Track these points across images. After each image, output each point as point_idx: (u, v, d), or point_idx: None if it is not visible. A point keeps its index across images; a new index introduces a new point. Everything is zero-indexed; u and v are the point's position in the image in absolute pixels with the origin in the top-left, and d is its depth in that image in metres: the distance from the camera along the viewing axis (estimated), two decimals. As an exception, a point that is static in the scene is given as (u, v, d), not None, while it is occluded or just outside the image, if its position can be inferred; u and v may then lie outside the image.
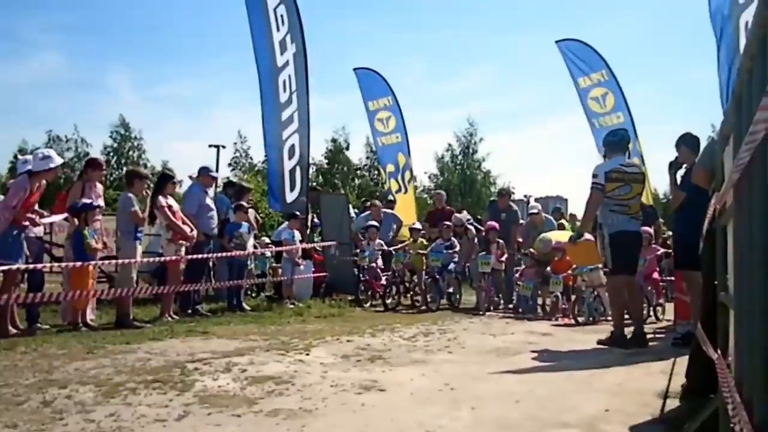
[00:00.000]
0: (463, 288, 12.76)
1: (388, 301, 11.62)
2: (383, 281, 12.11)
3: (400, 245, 12.77)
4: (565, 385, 5.49)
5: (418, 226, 13.54)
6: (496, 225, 11.92)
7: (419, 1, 69.68)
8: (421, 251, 12.31)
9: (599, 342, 7.59)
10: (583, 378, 5.79)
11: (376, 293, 11.93)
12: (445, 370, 6.02)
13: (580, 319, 9.62)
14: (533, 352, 7.18)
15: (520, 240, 12.48)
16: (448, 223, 12.64)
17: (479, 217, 17.55)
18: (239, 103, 56.72)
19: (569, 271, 10.39)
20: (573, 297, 10.18)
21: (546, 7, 69.55)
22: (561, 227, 13.72)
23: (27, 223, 7.76)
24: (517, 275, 11.90)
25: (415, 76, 64.66)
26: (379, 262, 12.35)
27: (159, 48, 65.90)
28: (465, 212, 13.92)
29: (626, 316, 8.02)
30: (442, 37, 68.80)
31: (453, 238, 12.20)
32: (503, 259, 11.74)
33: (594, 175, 7.58)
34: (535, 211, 12.83)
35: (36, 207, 7.99)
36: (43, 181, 7.97)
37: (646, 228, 9.82)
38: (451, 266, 11.84)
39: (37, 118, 64.59)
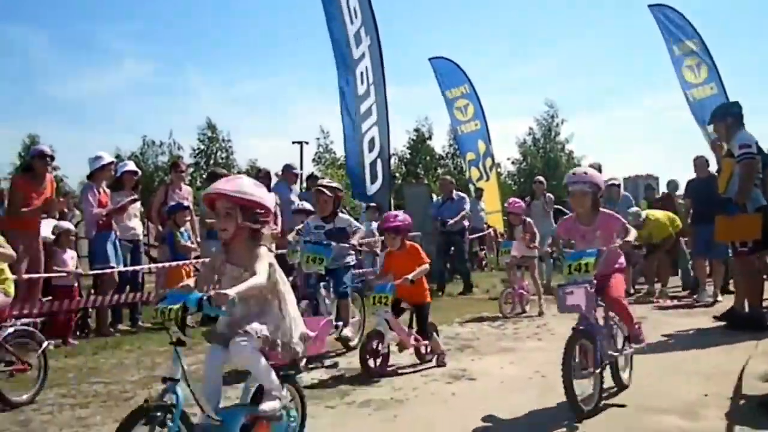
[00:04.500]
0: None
1: None
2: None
3: None
4: (660, 370, 5.35)
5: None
6: (521, 203, 9.91)
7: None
8: None
9: (727, 324, 7.32)
10: (678, 362, 5.63)
11: None
12: (534, 357, 5.97)
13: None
14: (626, 336, 7.01)
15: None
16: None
17: (565, 200, 17.20)
18: (320, 99, 57.51)
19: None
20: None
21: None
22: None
23: (111, 222, 8.15)
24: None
25: (494, 61, 63.72)
26: None
27: (238, 48, 67.29)
28: (550, 195, 13.35)
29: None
30: (519, 20, 67.55)
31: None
32: (535, 243, 9.27)
33: (747, 145, 7.15)
34: (617, 182, 11.03)
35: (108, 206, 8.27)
36: (103, 184, 8.29)
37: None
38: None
39: (128, 125, 67.20)
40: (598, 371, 4.29)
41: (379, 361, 5.61)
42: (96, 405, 4.75)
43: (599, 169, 13.07)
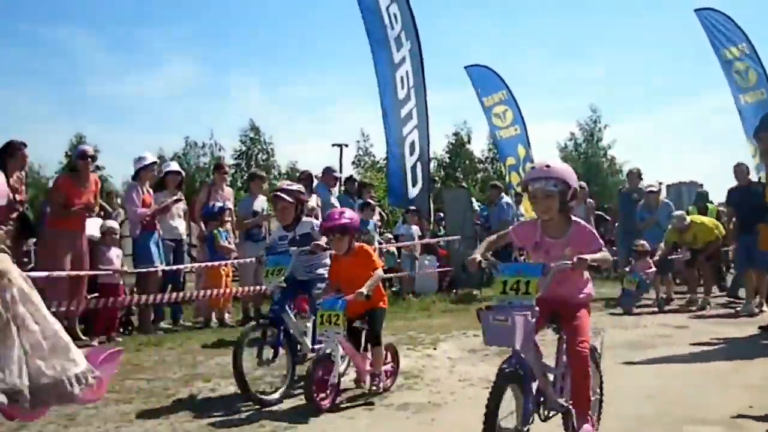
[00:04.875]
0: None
1: None
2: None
3: None
4: (703, 379, 5.26)
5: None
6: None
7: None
8: None
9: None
10: (722, 372, 5.53)
11: None
12: (574, 364, 5.91)
13: None
14: (668, 345, 6.90)
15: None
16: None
17: (606, 206, 17.00)
18: (361, 102, 57.40)
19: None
20: None
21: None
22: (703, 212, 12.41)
23: (155, 222, 8.31)
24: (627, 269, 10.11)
25: (534, 65, 63.02)
26: None
27: (279, 52, 67.70)
28: (591, 201, 13.14)
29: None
30: (560, 22, 66.55)
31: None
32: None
33: None
34: (655, 188, 10.99)
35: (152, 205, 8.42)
36: (147, 184, 8.44)
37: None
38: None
39: (172, 126, 68.37)
40: (525, 429, 3.27)
41: (328, 393, 4.68)
42: (139, 401, 4.85)
43: (639, 174, 12.64)
